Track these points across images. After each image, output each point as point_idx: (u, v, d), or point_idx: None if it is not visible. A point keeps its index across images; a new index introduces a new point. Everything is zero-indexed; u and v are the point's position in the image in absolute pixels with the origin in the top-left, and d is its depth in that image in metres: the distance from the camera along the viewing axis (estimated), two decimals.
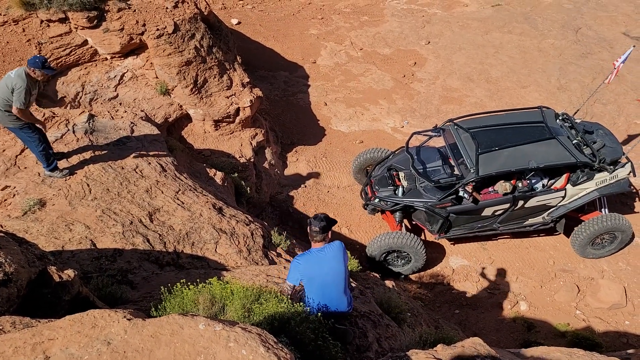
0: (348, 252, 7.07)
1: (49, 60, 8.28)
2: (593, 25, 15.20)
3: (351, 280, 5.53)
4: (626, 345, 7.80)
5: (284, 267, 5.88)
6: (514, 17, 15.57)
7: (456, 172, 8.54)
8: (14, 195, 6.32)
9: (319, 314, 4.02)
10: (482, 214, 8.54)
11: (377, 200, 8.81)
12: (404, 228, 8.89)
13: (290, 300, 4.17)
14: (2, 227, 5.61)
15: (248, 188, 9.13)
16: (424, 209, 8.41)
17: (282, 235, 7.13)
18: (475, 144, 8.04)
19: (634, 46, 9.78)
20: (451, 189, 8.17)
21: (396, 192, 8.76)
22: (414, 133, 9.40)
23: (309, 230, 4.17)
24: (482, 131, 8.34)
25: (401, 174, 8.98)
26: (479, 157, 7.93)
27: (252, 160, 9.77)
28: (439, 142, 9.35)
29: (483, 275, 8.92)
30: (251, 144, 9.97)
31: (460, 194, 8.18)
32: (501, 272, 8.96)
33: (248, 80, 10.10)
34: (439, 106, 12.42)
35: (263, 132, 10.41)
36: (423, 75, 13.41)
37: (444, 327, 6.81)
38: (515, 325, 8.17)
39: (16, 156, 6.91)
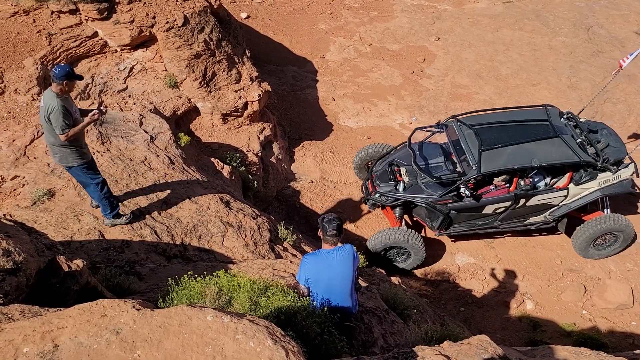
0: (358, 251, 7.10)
1: (59, 54, 8.36)
2: (605, 24, 15.06)
3: (360, 279, 5.51)
4: (632, 346, 7.77)
5: (290, 262, 5.89)
6: (525, 14, 15.45)
7: (458, 168, 8.50)
8: (24, 185, 6.36)
9: (325, 308, 4.02)
10: (483, 212, 8.49)
11: (377, 195, 8.78)
12: (404, 224, 8.87)
13: (296, 295, 4.17)
14: (11, 216, 5.65)
15: (255, 182, 9.14)
16: (424, 205, 8.37)
17: (288, 229, 7.14)
18: (478, 140, 8.01)
19: None
20: (452, 186, 8.14)
21: (397, 187, 8.72)
22: (417, 129, 9.38)
23: (321, 232, 4.12)
24: (485, 128, 8.30)
25: (402, 170, 8.93)
26: (482, 153, 7.90)
27: (259, 154, 9.77)
28: (442, 138, 9.31)
29: (489, 273, 8.90)
30: (259, 138, 9.98)
31: (462, 190, 8.13)
32: (508, 271, 8.93)
33: (257, 74, 10.09)
34: (447, 103, 12.36)
35: (271, 126, 10.41)
36: (432, 71, 13.35)
37: (449, 324, 6.80)
38: (521, 324, 8.15)
39: (26, 146, 6.95)
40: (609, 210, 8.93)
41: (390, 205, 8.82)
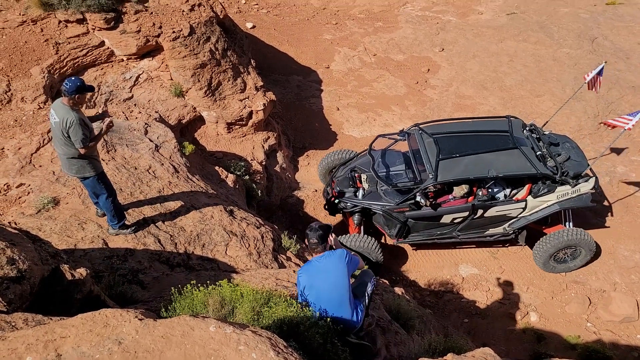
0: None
1: (66, 63, 8.44)
2: (609, 35, 15.07)
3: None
4: (638, 359, 7.70)
5: (294, 271, 5.88)
6: (529, 26, 15.49)
7: (418, 177, 8.41)
8: (29, 193, 6.39)
9: (328, 319, 3.99)
10: (441, 221, 8.42)
11: (336, 200, 8.76)
12: (362, 230, 8.80)
13: (299, 304, 4.15)
14: (16, 224, 5.67)
15: (259, 191, 9.15)
16: (381, 213, 8.32)
17: (292, 239, 7.13)
18: (437, 149, 7.99)
19: (605, 62, 9.80)
20: (410, 194, 8.11)
21: (356, 194, 8.67)
22: (379, 136, 9.38)
23: (307, 243, 4.10)
24: (446, 137, 8.28)
25: (363, 176, 8.90)
26: (439, 162, 7.87)
27: (263, 163, 9.80)
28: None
29: (493, 284, 8.85)
30: (263, 147, 10.01)
31: (418, 199, 8.04)
32: (512, 282, 8.88)
33: (262, 83, 10.15)
34: (451, 113, 12.37)
35: (275, 135, 10.45)
36: (436, 82, 13.38)
37: (453, 335, 6.75)
38: (525, 336, 8.08)
39: (31, 154, 7.00)
40: (571, 223, 8.89)
41: (348, 211, 8.76)
